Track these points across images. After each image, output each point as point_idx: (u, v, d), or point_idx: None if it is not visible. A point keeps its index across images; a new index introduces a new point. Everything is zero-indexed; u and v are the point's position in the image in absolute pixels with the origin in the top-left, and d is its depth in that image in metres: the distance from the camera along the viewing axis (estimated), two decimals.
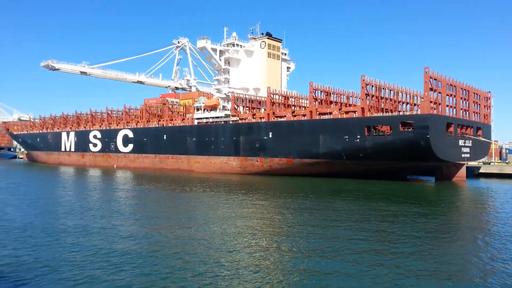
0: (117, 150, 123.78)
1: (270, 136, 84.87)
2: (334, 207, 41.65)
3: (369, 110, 71.15)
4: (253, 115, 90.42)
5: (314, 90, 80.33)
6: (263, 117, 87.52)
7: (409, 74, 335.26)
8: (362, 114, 71.50)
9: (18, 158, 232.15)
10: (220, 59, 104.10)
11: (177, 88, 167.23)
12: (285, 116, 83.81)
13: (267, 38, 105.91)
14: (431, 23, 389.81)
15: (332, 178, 75.69)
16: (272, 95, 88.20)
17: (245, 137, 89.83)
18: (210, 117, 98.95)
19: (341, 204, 43.98)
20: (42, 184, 69.16)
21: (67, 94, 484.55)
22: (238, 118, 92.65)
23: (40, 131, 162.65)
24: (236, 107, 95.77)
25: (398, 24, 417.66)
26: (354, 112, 73.16)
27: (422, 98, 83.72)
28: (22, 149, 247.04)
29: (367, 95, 72.26)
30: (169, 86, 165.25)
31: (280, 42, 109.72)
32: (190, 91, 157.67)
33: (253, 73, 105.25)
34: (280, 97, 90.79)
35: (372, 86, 73.31)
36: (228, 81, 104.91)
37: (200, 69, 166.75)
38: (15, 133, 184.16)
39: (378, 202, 45.68)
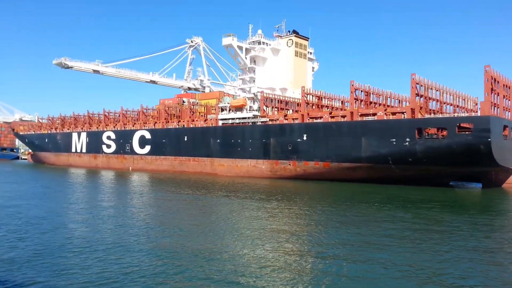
0: (133, 152, 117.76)
1: (305, 138, 79.26)
2: (407, 219, 36.05)
3: (420, 111, 65.63)
4: (285, 116, 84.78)
5: (355, 90, 74.75)
6: (297, 118, 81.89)
7: None
8: (412, 116, 66.02)
9: (21, 159, 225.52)
10: (246, 58, 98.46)
11: (189, 89, 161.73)
12: (321, 117, 78.24)
13: (295, 36, 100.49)
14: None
15: (372, 183, 70.24)
16: (306, 95, 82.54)
17: (276, 139, 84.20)
18: (237, 118, 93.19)
19: (411, 213, 38.39)
20: (76, 189, 62.94)
21: (73, 94, 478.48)
22: (268, 119, 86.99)
23: (49, 132, 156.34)
24: (265, 107, 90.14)
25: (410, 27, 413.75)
26: (402, 113, 67.66)
27: (464, 99, 78.93)
28: (23, 150, 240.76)
29: (417, 95, 66.80)
30: (182, 86, 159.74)
31: (307, 40, 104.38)
32: (203, 91, 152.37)
33: (280, 72, 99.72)
34: (313, 97, 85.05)
35: (421, 85, 67.81)
36: (254, 81, 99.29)
37: (212, 69, 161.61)
38: (21, 133, 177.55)
39: (445, 213, 40.37)
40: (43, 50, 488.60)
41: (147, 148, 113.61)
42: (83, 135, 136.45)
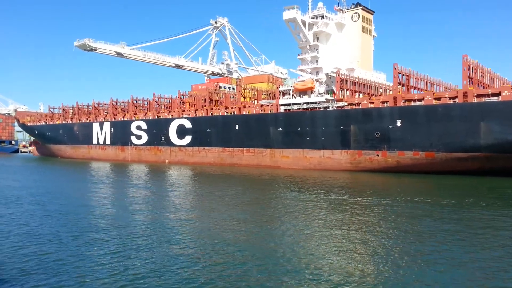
0: (169, 143, 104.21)
1: (399, 124, 67.07)
2: None
3: None
4: (369, 99, 72.33)
5: (468, 67, 62.53)
6: (387, 101, 69.50)
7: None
8: None
9: (21, 152, 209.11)
10: (308, 34, 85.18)
11: (214, 74, 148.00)
12: (421, 99, 65.99)
13: (361, 9, 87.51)
14: None
15: (487, 176, 58.69)
16: (398, 75, 69.98)
17: (358, 126, 71.86)
18: (304, 103, 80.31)
19: None
20: (149, 189, 49.79)
21: (80, 83, 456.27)
22: (346, 104, 74.40)
23: (64, 122, 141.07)
24: (334, 90, 77.61)
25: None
26: None
27: None
28: (19, 143, 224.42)
29: None
30: (206, 71, 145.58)
31: (372, 14, 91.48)
32: (230, 76, 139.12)
33: (345, 50, 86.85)
34: (403, 76, 72.25)
35: None
36: (317, 60, 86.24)
37: (236, 53, 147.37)
38: (29, 124, 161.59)
39: None
40: (44, 38, 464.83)
41: (187, 138, 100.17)
42: (107, 125, 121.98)
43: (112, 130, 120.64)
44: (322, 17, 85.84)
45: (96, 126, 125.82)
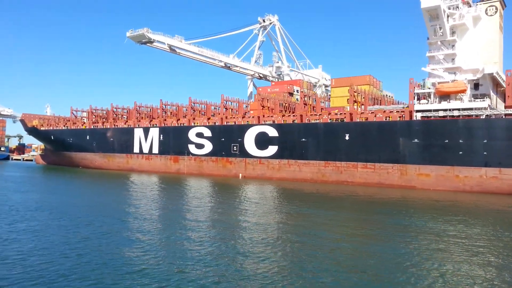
0: (244, 154, 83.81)
1: None
2: None
3: None
4: None
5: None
6: None
7: None
8: None
9: (12, 159, 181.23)
10: (447, 27, 67.78)
11: (260, 78, 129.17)
12: None
13: (499, 1, 71.20)
14: None
15: None
16: None
17: None
18: (454, 109, 62.48)
19: None
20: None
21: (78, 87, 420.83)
22: None
23: (93, 127, 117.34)
24: (492, 93, 60.44)
25: None
26: None
27: None
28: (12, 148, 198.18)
29: None
30: (253, 74, 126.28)
31: (504, 8, 75.36)
32: (282, 79, 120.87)
33: (481, 48, 70.09)
34: None
35: None
36: (453, 59, 68.86)
37: (280, 54, 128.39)
38: (42, 128, 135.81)
39: None
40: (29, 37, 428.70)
41: (272, 149, 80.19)
42: (154, 131, 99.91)
43: (161, 137, 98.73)
44: (458, 7, 68.94)
45: (138, 132, 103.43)
